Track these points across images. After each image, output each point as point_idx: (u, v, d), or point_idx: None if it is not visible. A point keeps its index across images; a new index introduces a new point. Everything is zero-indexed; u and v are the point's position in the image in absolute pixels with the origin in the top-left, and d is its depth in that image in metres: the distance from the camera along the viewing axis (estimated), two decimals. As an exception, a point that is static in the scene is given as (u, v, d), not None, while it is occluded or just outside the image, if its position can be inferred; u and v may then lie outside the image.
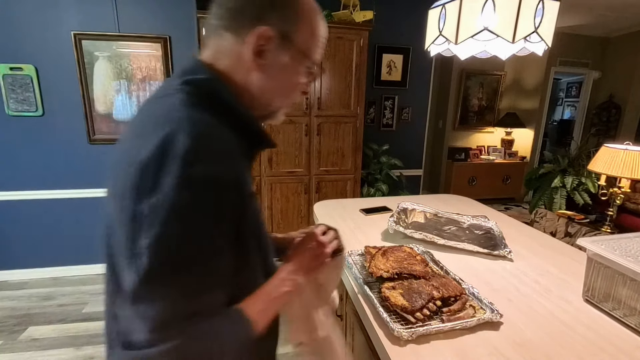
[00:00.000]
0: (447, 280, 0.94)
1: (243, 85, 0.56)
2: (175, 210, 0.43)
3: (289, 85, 0.59)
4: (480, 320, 0.81)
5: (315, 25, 0.56)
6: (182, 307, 0.44)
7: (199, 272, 0.45)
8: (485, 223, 1.35)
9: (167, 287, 0.43)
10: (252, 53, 0.53)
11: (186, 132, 0.45)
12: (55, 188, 2.55)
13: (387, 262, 1.02)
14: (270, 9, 0.52)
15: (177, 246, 0.43)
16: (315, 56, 0.59)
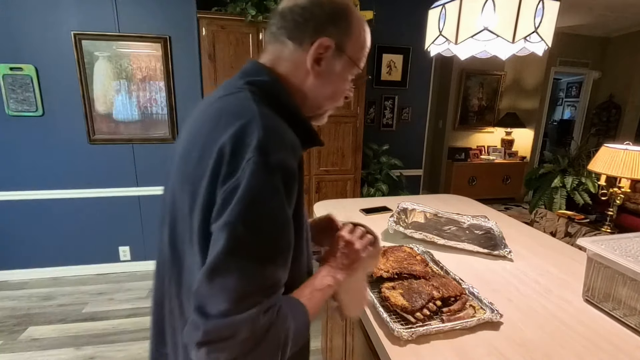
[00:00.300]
0: (447, 280, 0.94)
1: (299, 88, 0.62)
2: (252, 192, 0.47)
3: (338, 90, 0.65)
4: (480, 320, 0.81)
5: (364, 37, 0.63)
6: (259, 281, 0.47)
7: (273, 249, 0.49)
8: (485, 223, 1.35)
9: (245, 261, 0.46)
10: (312, 60, 0.59)
11: (259, 124, 0.50)
12: (55, 188, 2.55)
13: (387, 262, 1.02)
14: (329, 22, 0.58)
15: (255, 225, 0.47)
16: (360, 62, 0.64)
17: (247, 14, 2.42)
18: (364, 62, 0.66)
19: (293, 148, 0.53)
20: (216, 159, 0.49)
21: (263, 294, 0.47)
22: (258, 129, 0.49)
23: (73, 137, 2.50)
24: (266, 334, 0.46)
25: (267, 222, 0.48)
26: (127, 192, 2.67)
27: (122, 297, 2.44)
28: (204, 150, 0.52)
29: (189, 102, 2.62)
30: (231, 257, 0.46)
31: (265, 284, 0.48)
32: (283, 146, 0.51)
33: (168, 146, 2.66)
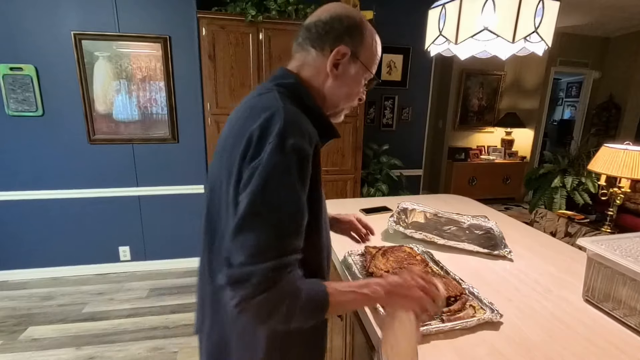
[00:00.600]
0: (447, 280, 0.94)
1: (319, 89, 0.73)
2: (270, 169, 0.57)
3: (352, 91, 0.75)
4: (480, 320, 0.81)
5: (375, 47, 0.75)
6: (274, 240, 0.56)
7: (286, 215, 0.58)
8: (485, 223, 1.34)
9: (263, 221, 0.56)
10: (331, 64, 0.70)
11: (281, 116, 0.60)
12: (55, 188, 2.55)
13: (387, 262, 1.02)
14: (346, 34, 0.70)
15: (271, 195, 0.57)
16: (371, 68, 0.75)
17: (247, 14, 2.42)
18: (375, 69, 0.77)
19: (309, 136, 0.61)
20: (246, 143, 0.61)
21: (276, 253, 0.56)
22: (280, 120, 0.60)
23: (73, 137, 2.50)
24: (274, 286, 0.55)
25: (281, 193, 0.57)
26: (127, 192, 2.67)
27: (122, 297, 2.45)
28: (238, 138, 0.64)
29: (189, 102, 2.62)
30: (250, 220, 0.56)
31: (277, 245, 0.56)
32: (299, 133, 0.60)
33: (168, 146, 2.66)
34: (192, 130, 2.67)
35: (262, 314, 0.56)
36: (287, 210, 0.58)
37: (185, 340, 2.03)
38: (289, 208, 0.58)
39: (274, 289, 0.55)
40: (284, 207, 0.58)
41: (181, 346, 1.98)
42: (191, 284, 2.64)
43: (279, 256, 0.56)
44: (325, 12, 0.71)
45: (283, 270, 0.56)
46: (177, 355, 1.91)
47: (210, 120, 2.60)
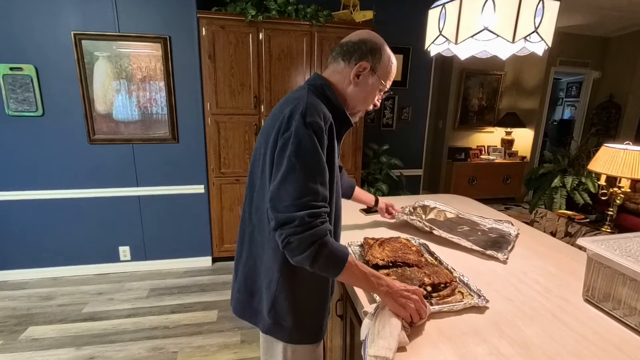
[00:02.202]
0: (438, 269, 1.00)
1: (342, 92, 0.95)
2: (298, 138, 0.78)
3: (368, 97, 0.97)
4: (467, 304, 0.88)
5: (390, 67, 0.96)
6: (309, 187, 0.77)
7: (315, 170, 0.79)
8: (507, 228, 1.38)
9: (297, 176, 0.77)
10: (354, 74, 0.92)
11: (304, 102, 0.83)
12: (55, 188, 2.56)
13: (383, 252, 1.08)
14: (369, 53, 0.92)
15: (302, 156, 0.78)
16: (386, 82, 0.97)
17: (247, 14, 2.42)
18: (390, 83, 0.98)
19: (324, 115, 0.83)
20: (279, 121, 0.83)
21: (311, 199, 0.77)
22: (304, 105, 0.82)
23: (73, 137, 2.50)
24: (310, 229, 0.75)
25: (308, 154, 0.78)
26: (127, 192, 2.67)
27: (122, 297, 2.45)
28: (275, 119, 0.86)
29: (189, 102, 2.62)
30: (290, 174, 0.77)
31: (312, 191, 0.77)
32: (316, 113, 0.81)
33: (168, 146, 2.66)
34: (192, 130, 2.67)
35: (299, 250, 0.75)
36: (315, 165, 0.78)
37: (185, 340, 2.03)
38: (316, 164, 0.79)
39: (310, 231, 0.75)
40: (312, 163, 0.78)
41: (181, 346, 1.98)
42: (191, 284, 2.64)
43: (313, 201, 0.77)
44: (356, 36, 0.94)
45: (317, 218, 0.76)
46: (177, 355, 1.91)
47: (210, 120, 2.60)
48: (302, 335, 0.94)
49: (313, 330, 0.96)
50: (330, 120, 0.85)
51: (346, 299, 1.14)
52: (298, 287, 0.90)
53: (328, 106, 0.89)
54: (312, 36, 2.64)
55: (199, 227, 2.84)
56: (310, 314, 0.94)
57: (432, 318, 0.85)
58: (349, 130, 0.99)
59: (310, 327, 0.95)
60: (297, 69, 2.68)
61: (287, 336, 0.93)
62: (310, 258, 0.76)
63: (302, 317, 0.92)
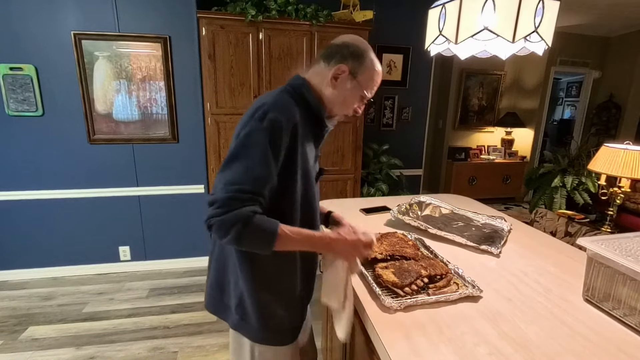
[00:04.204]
0: (434, 262, 1.04)
1: (320, 94, 0.93)
2: (248, 131, 0.81)
3: (347, 102, 0.94)
4: (462, 294, 0.92)
5: (372, 73, 0.93)
6: (241, 177, 0.78)
7: (254, 162, 0.79)
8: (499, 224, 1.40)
9: (238, 163, 0.79)
10: (331, 75, 0.90)
11: (272, 100, 0.84)
12: (55, 188, 2.56)
13: (381, 246, 1.12)
14: (349, 57, 0.90)
15: (247, 146, 0.80)
16: (367, 90, 0.94)
17: (247, 13, 2.42)
18: (373, 92, 0.96)
19: (288, 114, 0.83)
20: (247, 118, 0.84)
21: (238, 187, 0.77)
22: (270, 103, 0.83)
23: (73, 137, 2.50)
24: (230, 211, 0.76)
25: (253, 147, 0.80)
26: (127, 192, 2.67)
27: (122, 297, 2.45)
28: (246, 116, 0.86)
29: (189, 102, 2.62)
30: (230, 162, 0.80)
31: (241, 181, 0.78)
32: (279, 111, 0.82)
33: (168, 146, 2.66)
34: (192, 130, 2.67)
35: (221, 231, 0.77)
36: (256, 159, 0.79)
37: (185, 340, 2.03)
38: (258, 158, 0.79)
39: (229, 213, 0.76)
40: (254, 156, 0.79)
41: (181, 346, 1.98)
42: (191, 283, 2.64)
43: (239, 190, 0.77)
44: (341, 39, 0.94)
45: (239, 202, 0.77)
46: (177, 355, 1.91)
47: (210, 120, 2.60)
48: (269, 336, 0.94)
49: (282, 331, 0.95)
50: (297, 121, 0.84)
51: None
52: (262, 286, 0.91)
53: (304, 107, 0.89)
54: (312, 36, 2.64)
55: (199, 227, 2.84)
56: (278, 314, 0.94)
57: (430, 308, 0.89)
58: (326, 132, 0.99)
59: (279, 329, 0.95)
60: (297, 68, 2.68)
61: (253, 335, 0.94)
62: (233, 240, 0.77)
63: (269, 317, 0.93)
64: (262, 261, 0.88)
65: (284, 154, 0.82)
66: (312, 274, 1.02)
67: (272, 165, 0.80)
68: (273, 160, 0.80)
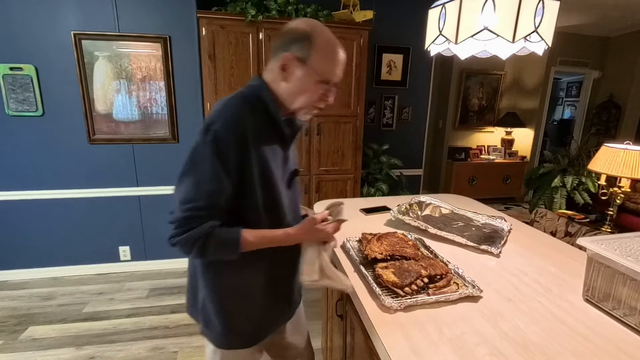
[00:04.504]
0: (434, 262, 1.04)
1: (276, 90, 0.88)
2: (197, 146, 0.80)
3: (304, 93, 0.86)
4: (462, 294, 0.92)
5: (328, 55, 0.85)
6: (192, 194, 0.79)
7: (203, 177, 0.79)
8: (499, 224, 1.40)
9: (187, 180, 0.80)
10: (278, 66, 0.85)
11: (218, 111, 0.83)
12: (55, 188, 2.56)
13: (381, 246, 1.12)
14: (292, 43, 0.83)
15: (192, 161, 0.80)
16: (326, 74, 0.85)
17: (247, 13, 2.42)
18: (335, 75, 0.87)
19: (235, 126, 0.80)
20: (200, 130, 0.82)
21: (192, 205, 0.79)
22: (215, 114, 0.82)
23: (73, 137, 2.50)
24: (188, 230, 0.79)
25: (199, 162, 0.79)
26: (127, 192, 2.67)
27: (122, 297, 2.45)
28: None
29: (189, 102, 2.62)
30: (181, 178, 0.81)
31: (193, 198, 0.79)
32: (223, 124, 0.79)
33: (168, 146, 2.66)
34: (192, 130, 2.67)
35: (184, 249, 0.81)
36: (204, 173, 0.78)
37: (186, 340, 2.03)
38: (206, 172, 0.78)
39: (189, 232, 0.79)
40: (203, 172, 0.79)
41: (181, 346, 1.98)
42: (191, 283, 2.64)
43: (195, 208, 0.79)
44: (285, 27, 0.87)
45: (197, 220, 0.79)
46: (177, 355, 1.91)
47: (210, 120, 2.60)
48: (232, 339, 0.95)
49: (246, 334, 0.96)
50: (245, 128, 0.81)
51: (346, 299, 1.14)
52: (224, 290, 0.92)
53: (261, 109, 0.86)
54: (312, 36, 2.64)
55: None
56: (241, 317, 0.94)
57: (430, 308, 0.89)
58: (299, 129, 0.96)
59: (242, 331, 0.95)
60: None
61: (217, 340, 0.95)
62: (198, 254, 0.82)
63: (232, 320, 0.93)
64: (223, 268, 0.89)
65: (235, 163, 0.80)
66: (281, 277, 1.00)
67: (222, 177, 0.79)
68: (223, 173, 0.79)
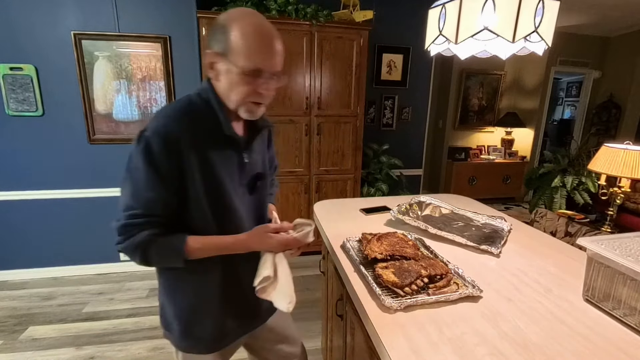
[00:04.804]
0: (434, 262, 1.04)
1: (216, 89, 0.85)
2: (131, 154, 0.80)
3: (234, 88, 0.82)
4: (462, 294, 0.91)
5: (247, 43, 0.77)
6: (130, 202, 0.79)
7: (139, 185, 0.79)
8: (499, 224, 1.40)
9: (125, 188, 0.80)
10: (206, 67, 0.83)
11: (155, 117, 0.81)
12: (55, 188, 2.56)
13: (381, 246, 1.12)
14: (212, 38, 0.81)
15: (129, 170, 0.80)
16: (253, 66, 0.78)
17: (247, 13, 2.42)
18: (267, 63, 0.79)
19: (165, 133, 0.78)
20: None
21: (130, 213, 0.78)
22: (150, 121, 0.80)
23: (73, 137, 2.50)
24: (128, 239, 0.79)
25: (134, 170, 0.79)
26: (127, 192, 2.67)
27: (122, 297, 2.45)
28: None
29: (189, 102, 2.62)
30: (122, 187, 0.81)
31: (135, 206, 0.79)
32: (153, 131, 0.77)
33: (168, 146, 2.66)
34: (192, 130, 2.66)
35: (129, 256, 0.81)
36: (141, 181, 0.78)
37: (186, 340, 2.03)
38: (142, 180, 0.78)
39: (128, 240, 0.78)
40: (138, 181, 0.78)
41: (181, 346, 1.98)
42: (191, 283, 2.64)
43: (133, 216, 0.78)
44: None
45: (136, 228, 0.79)
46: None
47: (210, 120, 2.60)
48: (191, 344, 0.95)
49: (204, 340, 0.95)
50: (179, 134, 0.78)
51: (346, 299, 1.14)
52: (180, 294, 0.92)
53: (209, 112, 0.84)
54: (312, 36, 2.64)
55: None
56: (198, 322, 0.93)
57: (430, 308, 0.88)
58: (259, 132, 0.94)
59: (201, 337, 0.94)
60: (297, 68, 2.68)
61: (176, 343, 0.96)
62: (142, 263, 0.82)
63: (189, 324, 0.93)
64: (179, 272, 0.88)
65: (170, 170, 0.78)
66: (238, 284, 0.96)
67: (158, 185, 0.78)
68: (157, 180, 0.78)
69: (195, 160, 0.80)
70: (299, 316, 2.20)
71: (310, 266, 2.86)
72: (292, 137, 2.80)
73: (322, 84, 2.76)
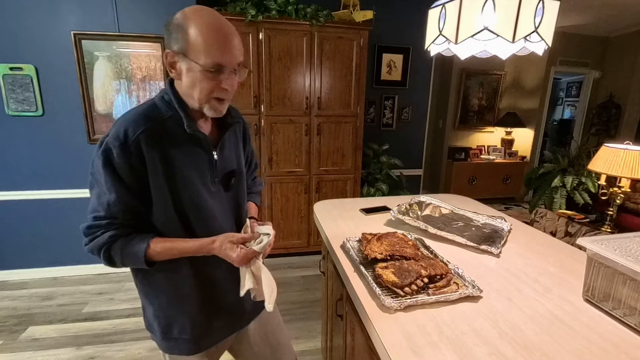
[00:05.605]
0: (434, 262, 1.04)
1: (178, 89, 0.86)
2: (93, 158, 0.81)
3: (196, 86, 0.81)
4: (462, 294, 0.92)
5: (204, 40, 0.76)
6: (96, 205, 0.82)
7: (102, 190, 0.80)
8: (499, 224, 1.40)
9: (92, 191, 0.83)
10: (167, 67, 0.83)
11: (116, 122, 0.83)
12: (55, 188, 2.56)
13: (381, 246, 1.12)
14: (168, 38, 0.81)
15: (93, 175, 0.82)
16: (212, 61, 0.77)
17: (247, 13, 2.42)
18: (226, 57, 0.78)
19: (125, 137, 0.78)
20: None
21: (95, 216, 0.81)
22: (112, 126, 0.82)
23: (73, 137, 2.50)
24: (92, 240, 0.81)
25: (96, 174, 0.80)
26: (127, 192, 2.67)
27: (122, 297, 2.45)
28: None
29: (189, 102, 2.62)
30: (90, 191, 0.84)
31: (97, 208, 0.81)
32: (112, 135, 0.78)
33: (168, 146, 2.66)
34: (192, 130, 2.66)
35: (97, 256, 0.83)
36: (102, 187, 0.80)
37: (186, 340, 2.03)
38: (103, 183, 0.79)
39: (92, 242, 0.81)
40: (100, 184, 0.80)
41: (181, 346, 1.98)
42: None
43: (96, 218, 0.81)
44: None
45: (98, 229, 0.81)
46: (177, 355, 1.91)
47: (210, 120, 2.60)
48: (172, 345, 0.95)
49: (185, 341, 0.95)
50: (138, 136, 0.78)
51: (346, 299, 1.14)
52: (155, 293, 0.93)
53: (169, 112, 0.84)
54: (312, 36, 2.64)
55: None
56: (177, 321, 0.93)
57: (430, 308, 0.88)
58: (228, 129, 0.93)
59: (182, 338, 0.94)
60: (297, 68, 2.68)
61: (159, 343, 0.97)
62: (107, 264, 0.84)
63: (167, 324, 0.93)
64: (149, 273, 0.89)
65: (131, 171, 0.79)
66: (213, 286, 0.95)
67: (119, 188, 0.79)
68: (118, 182, 0.78)
69: (157, 161, 0.81)
70: (299, 316, 2.20)
71: (310, 266, 2.86)
72: (292, 137, 2.80)
73: (322, 84, 2.76)
